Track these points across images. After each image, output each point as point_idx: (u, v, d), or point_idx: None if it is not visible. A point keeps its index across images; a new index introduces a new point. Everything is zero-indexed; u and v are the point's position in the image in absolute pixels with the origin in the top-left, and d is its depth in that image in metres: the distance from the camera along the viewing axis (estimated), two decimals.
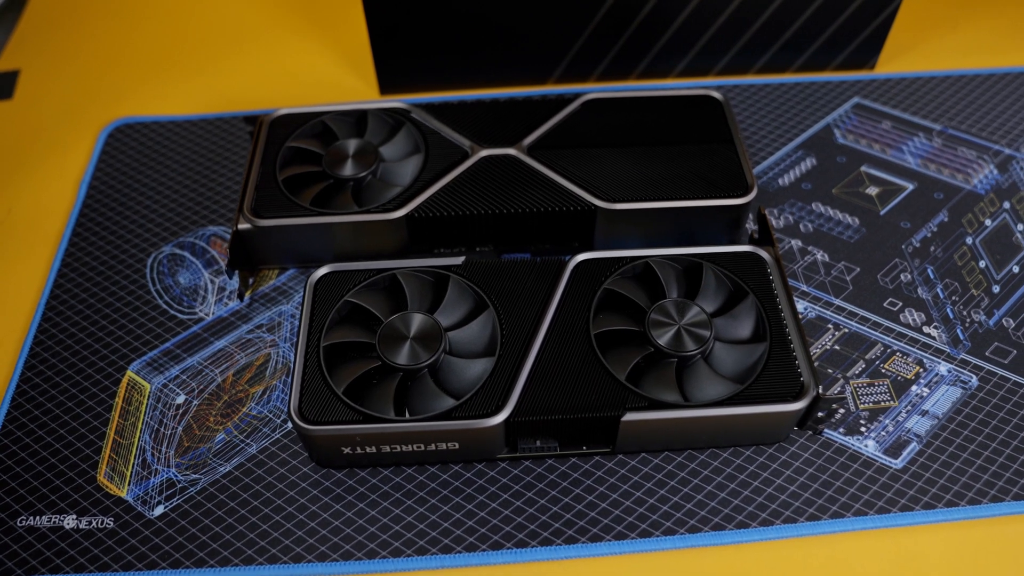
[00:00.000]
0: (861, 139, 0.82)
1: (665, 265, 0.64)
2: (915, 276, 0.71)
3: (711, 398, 0.57)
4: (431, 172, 0.70)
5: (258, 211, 0.68)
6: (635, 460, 0.61)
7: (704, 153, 0.71)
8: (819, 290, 0.70)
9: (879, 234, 0.74)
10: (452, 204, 0.68)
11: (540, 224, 0.69)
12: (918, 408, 0.63)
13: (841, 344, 0.67)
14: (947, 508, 0.59)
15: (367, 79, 0.88)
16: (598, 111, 0.75)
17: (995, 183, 0.78)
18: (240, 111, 0.85)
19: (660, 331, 0.59)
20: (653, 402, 0.57)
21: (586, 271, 0.64)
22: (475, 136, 0.73)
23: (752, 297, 0.62)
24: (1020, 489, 0.59)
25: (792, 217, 0.75)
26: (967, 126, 0.83)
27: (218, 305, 0.70)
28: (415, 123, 0.74)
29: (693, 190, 0.68)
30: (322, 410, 0.57)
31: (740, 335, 0.61)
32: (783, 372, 0.58)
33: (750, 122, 0.83)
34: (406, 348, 0.59)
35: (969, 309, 0.69)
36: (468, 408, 0.57)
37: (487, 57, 0.84)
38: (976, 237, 0.74)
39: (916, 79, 0.87)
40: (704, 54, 0.85)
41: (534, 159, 0.71)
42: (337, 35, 0.93)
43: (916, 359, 0.66)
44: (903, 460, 0.61)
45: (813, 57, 0.87)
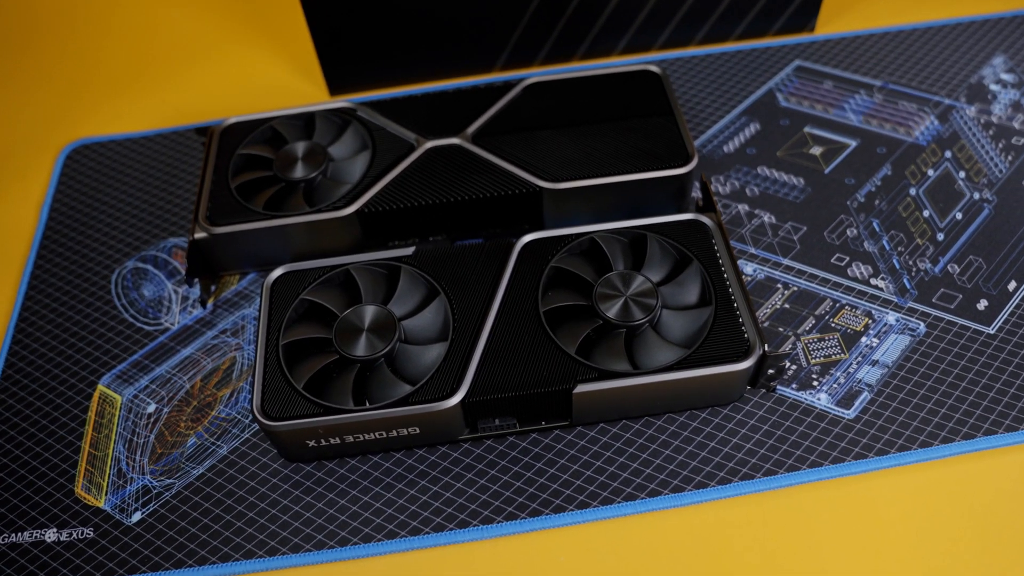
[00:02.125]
0: (804, 101, 0.83)
1: (610, 239, 0.65)
2: (861, 231, 0.72)
3: (660, 364, 0.59)
4: (379, 167, 0.72)
5: (213, 219, 0.69)
6: (593, 431, 0.62)
7: (645, 127, 0.73)
8: (767, 251, 0.71)
9: (824, 192, 0.75)
10: (401, 197, 0.69)
11: (488, 209, 0.70)
12: (868, 358, 0.65)
13: (791, 302, 0.68)
14: (900, 453, 0.60)
15: (316, 82, 0.89)
16: (539, 95, 0.76)
17: (936, 133, 0.79)
18: (194, 123, 0.87)
19: (607, 303, 0.61)
20: (603, 372, 0.58)
21: (533, 251, 0.65)
22: (420, 129, 0.74)
23: (696, 263, 0.63)
24: (969, 429, 0.61)
25: (738, 182, 0.76)
26: (907, 80, 0.84)
27: (183, 314, 0.71)
28: (362, 121, 0.75)
29: (635, 163, 0.70)
30: (284, 406, 0.59)
31: (686, 301, 0.63)
32: (729, 334, 0.60)
33: (694, 92, 0.85)
34: (362, 340, 0.61)
35: (915, 258, 0.70)
36: (424, 393, 0.58)
37: (432, 51, 0.86)
38: (919, 188, 0.75)
39: (855, 38, 0.88)
40: (644, 30, 0.87)
41: (479, 146, 0.72)
42: (285, 41, 0.95)
43: (865, 311, 0.67)
44: (855, 410, 0.62)
45: (753, 24, 0.88)
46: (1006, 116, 0.80)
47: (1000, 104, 0.81)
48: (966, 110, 0.81)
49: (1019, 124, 0.79)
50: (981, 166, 0.76)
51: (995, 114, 0.80)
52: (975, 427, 0.61)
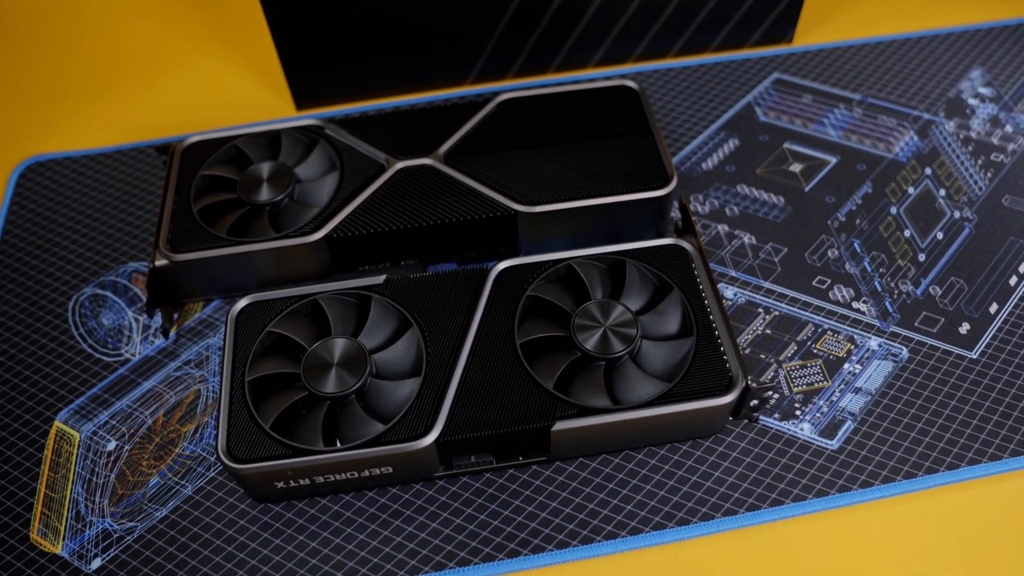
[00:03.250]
0: (782, 115, 0.81)
1: (588, 266, 0.63)
2: (842, 251, 0.71)
3: (641, 398, 0.57)
4: (348, 189, 0.69)
5: (175, 245, 0.67)
6: (572, 466, 0.60)
7: (622, 146, 0.71)
8: (748, 274, 0.70)
9: (805, 211, 0.74)
10: (371, 221, 0.67)
11: (462, 233, 0.68)
12: (851, 386, 0.63)
13: (772, 328, 0.67)
14: (884, 485, 0.59)
15: (283, 95, 0.86)
16: (513, 111, 0.74)
17: (916, 150, 0.78)
18: (155, 139, 0.83)
19: (586, 334, 0.59)
20: (582, 409, 0.56)
21: (509, 279, 0.63)
22: (390, 148, 0.72)
23: (676, 291, 0.62)
24: (953, 459, 0.60)
25: (717, 201, 0.75)
26: (886, 93, 0.83)
27: (144, 344, 0.68)
28: (329, 140, 0.73)
29: (612, 185, 0.68)
30: (251, 447, 0.56)
31: (667, 331, 0.61)
32: (711, 366, 0.58)
33: (672, 107, 0.83)
34: (331, 375, 0.58)
35: (896, 280, 0.69)
36: (397, 432, 0.56)
37: (402, 63, 0.83)
38: (900, 206, 0.74)
39: (834, 49, 0.87)
40: (620, 41, 0.85)
41: (451, 167, 0.70)
42: (249, 53, 0.91)
43: (847, 336, 0.66)
44: (839, 440, 0.61)
45: (730, 35, 0.86)
46: (984, 132, 0.79)
47: (979, 119, 0.80)
48: (945, 125, 0.80)
49: (997, 140, 0.78)
50: (961, 184, 0.75)
51: (974, 129, 0.79)
52: (959, 456, 0.60)
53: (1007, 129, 0.79)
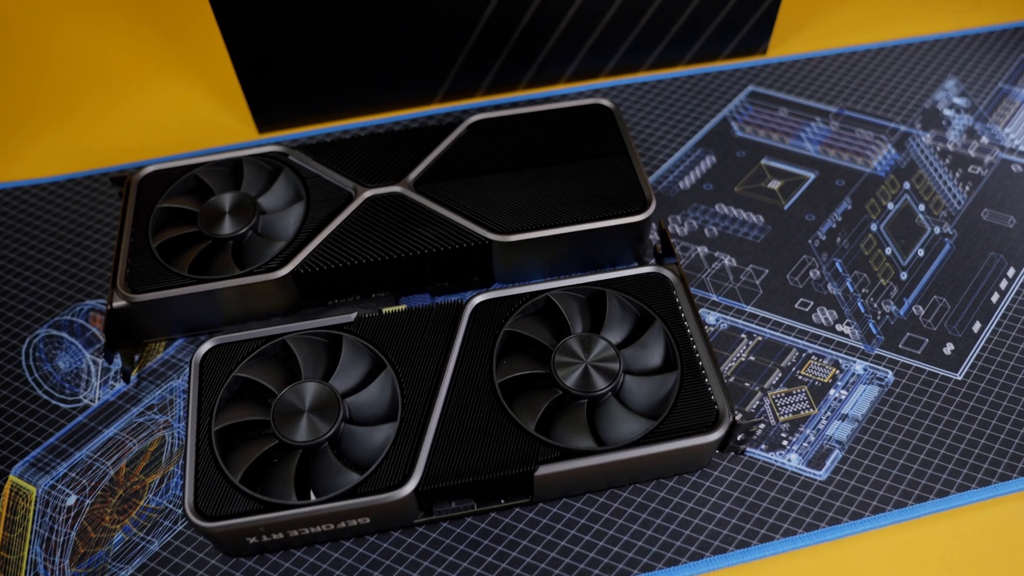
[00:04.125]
0: (759, 130, 0.80)
1: (567, 298, 0.61)
2: (824, 271, 0.70)
3: (625, 438, 0.55)
4: (315, 220, 0.67)
5: (133, 285, 0.63)
6: (556, 507, 0.59)
7: (598, 168, 0.69)
8: (729, 298, 0.68)
9: (785, 230, 0.72)
10: (339, 254, 0.64)
11: (434, 264, 0.66)
12: (837, 413, 0.62)
13: (756, 354, 0.65)
14: (874, 515, 0.58)
15: (244, 118, 0.83)
16: (485, 133, 0.72)
17: (894, 163, 0.77)
18: (111, 166, 0.80)
19: (567, 371, 0.57)
20: (565, 451, 0.54)
21: (485, 313, 0.61)
22: (358, 175, 0.69)
23: (659, 323, 0.60)
24: (942, 485, 0.59)
25: (696, 222, 0.73)
26: (862, 105, 0.82)
27: (104, 389, 0.65)
28: (294, 167, 0.70)
29: (589, 211, 0.66)
30: (220, 503, 0.53)
31: (650, 364, 0.59)
32: (696, 400, 0.57)
33: (646, 123, 0.81)
34: (303, 422, 0.56)
35: (879, 300, 0.68)
36: (373, 482, 0.54)
37: (367, 83, 0.80)
38: (880, 223, 0.73)
39: (808, 60, 0.86)
40: (593, 55, 0.83)
41: (421, 194, 0.67)
42: (209, 74, 0.88)
43: (832, 360, 0.65)
44: (827, 470, 0.60)
45: (704, 47, 0.84)
46: (961, 143, 0.78)
47: (955, 130, 0.79)
48: (922, 137, 0.79)
49: (974, 152, 0.77)
50: (940, 198, 0.74)
51: (951, 141, 0.78)
52: (948, 483, 0.59)
53: (983, 140, 0.78)
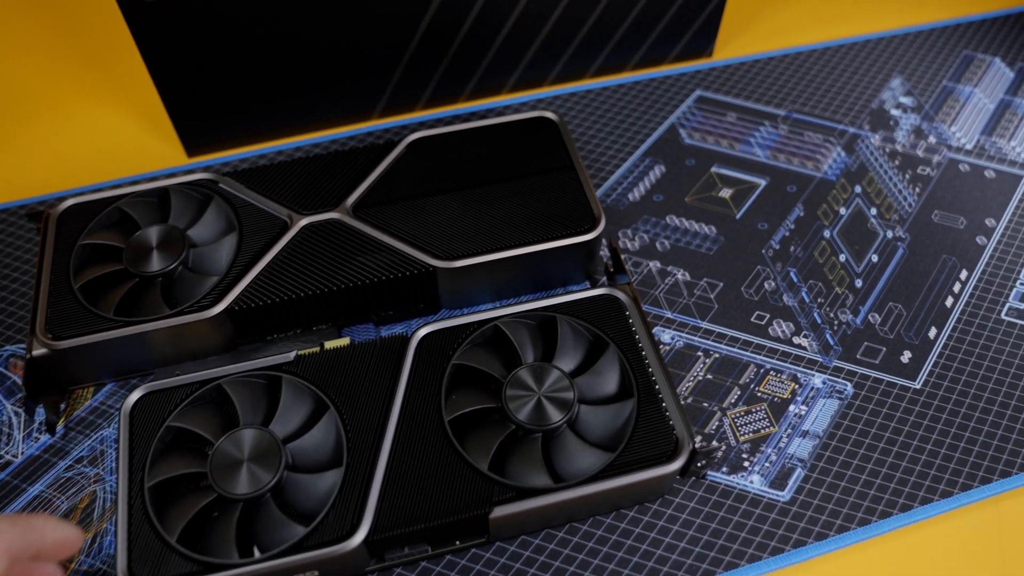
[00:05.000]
0: (708, 136, 0.78)
1: (516, 325, 0.59)
2: (779, 282, 0.68)
3: (583, 472, 0.53)
4: (249, 252, 0.63)
5: (54, 330, 0.59)
6: (514, 545, 0.56)
7: (544, 185, 0.66)
8: (684, 315, 0.66)
9: (738, 241, 0.71)
10: (276, 288, 0.61)
11: (377, 294, 0.63)
12: (798, 430, 0.61)
13: (713, 372, 0.63)
14: (839, 535, 0.57)
15: (172, 142, 0.79)
16: (425, 152, 0.69)
17: (844, 166, 0.76)
18: (25, 199, 0.75)
19: (519, 404, 0.54)
20: (521, 491, 0.52)
21: (432, 346, 0.58)
22: (293, 202, 0.66)
23: (613, 348, 0.58)
24: (905, 499, 0.58)
25: (647, 236, 0.71)
26: (810, 107, 0.80)
27: (27, 442, 0.61)
28: (225, 196, 0.66)
29: (536, 232, 0.63)
30: (156, 565, 0.50)
31: (605, 392, 0.57)
32: (655, 428, 0.54)
33: (593, 132, 0.78)
34: (243, 473, 0.52)
35: (836, 310, 0.67)
36: (320, 533, 0.51)
37: (301, 100, 0.76)
38: (833, 229, 0.71)
39: (755, 62, 0.84)
40: (535, 64, 0.80)
41: (360, 220, 0.64)
42: (132, 94, 0.83)
43: (790, 375, 0.63)
44: (790, 490, 0.58)
45: (650, 51, 0.82)
46: (909, 144, 0.77)
47: (902, 131, 0.78)
48: (871, 139, 0.78)
49: (922, 152, 0.77)
50: (891, 201, 0.73)
51: (899, 142, 0.77)
52: (911, 496, 0.58)
53: (931, 140, 0.78)
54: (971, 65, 0.84)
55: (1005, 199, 0.73)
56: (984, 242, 0.71)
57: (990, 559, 0.57)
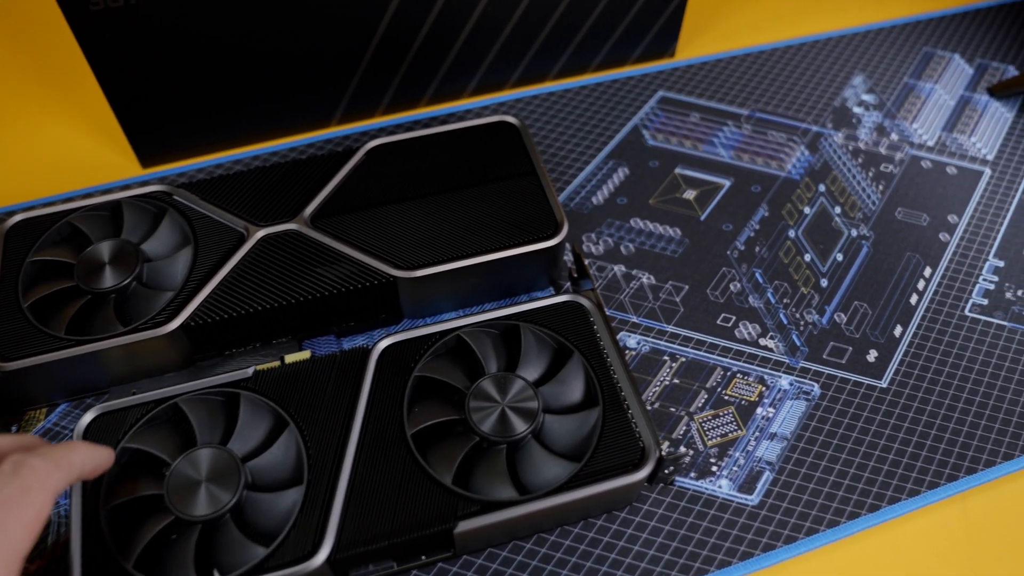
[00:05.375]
0: (671, 137, 0.77)
1: (479, 335, 0.58)
2: (744, 284, 0.68)
3: (548, 483, 0.52)
4: (204, 266, 0.62)
5: (3, 351, 0.57)
6: (481, 558, 0.55)
7: (506, 191, 0.65)
8: (650, 319, 0.66)
9: (703, 243, 0.70)
10: (233, 302, 0.60)
11: (337, 305, 0.61)
12: (766, 432, 0.60)
13: (680, 376, 0.63)
14: (808, 537, 0.56)
15: (125, 153, 0.77)
16: (384, 159, 0.68)
17: (808, 165, 0.76)
18: None
19: (482, 415, 0.54)
20: (486, 504, 0.51)
21: (393, 358, 0.57)
22: (250, 213, 0.64)
23: (577, 355, 0.57)
24: (873, 499, 0.58)
25: (611, 239, 0.70)
26: (773, 106, 0.80)
27: None
28: (179, 208, 0.65)
29: (498, 239, 0.62)
30: None
31: (570, 400, 0.56)
32: (621, 437, 0.54)
33: (555, 135, 0.78)
34: (201, 494, 0.51)
35: (801, 310, 0.66)
36: (282, 554, 0.50)
37: (257, 109, 0.75)
38: (798, 229, 0.71)
39: (717, 61, 0.84)
40: (496, 67, 0.79)
41: (319, 231, 0.63)
42: (84, 104, 0.81)
43: (757, 377, 0.63)
44: (758, 494, 0.58)
45: (611, 52, 0.82)
46: (872, 141, 0.77)
47: (865, 128, 0.78)
48: (834, 137, 0.78)
49: (885, 149, 0.77)
50: (855, 199, 0.73)
51: (862, 139, 0.77)
52: (879, 496, 0.58)
53: (893, 137, 0.78)
54: (931, 62, 0.85)
55: (966, 195, 0.74)
56: (947, 239, 0.71)
57: (958, 556, 0.57)
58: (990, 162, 0.76)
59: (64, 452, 0.45)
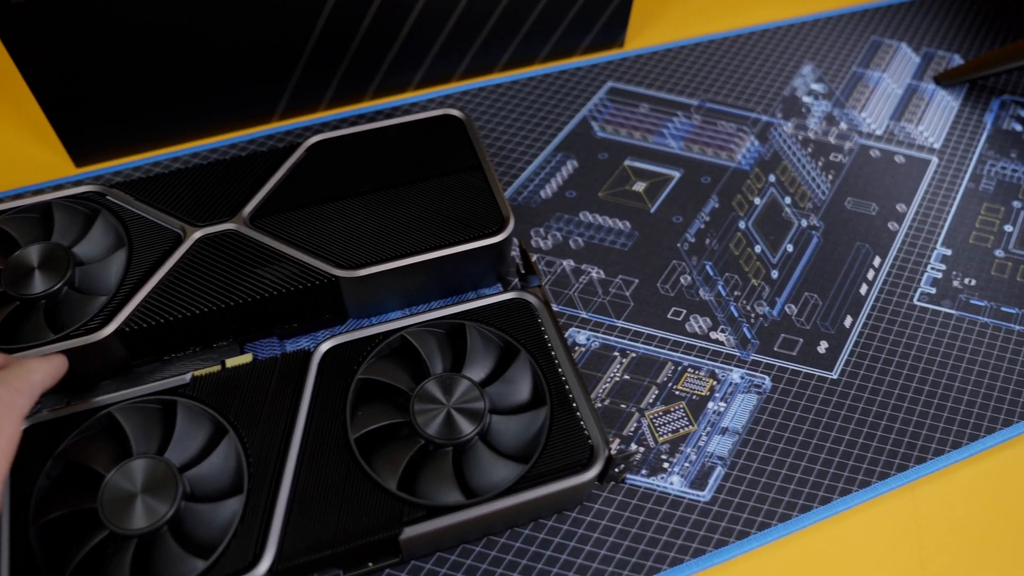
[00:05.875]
0: (620, 128, 0.77)
1: (423, 335, 0.56)
2: (695, 276, 0.67)
3: (496, 485, 0.51)
4: (139, 269, 0.59)
5: None
6: (430, 562, 0.54)
7: (451, 187, 0.64)
8: (600, 314, 0.65)
9: (653, 235, 0.69)
10: (171, 305, 0.58)
11: (279, 307, 0.60)
12: (717, 427, 0.60)
13: (630, 372, 0.62)
14: (760, 532, 0.56)
15: (58, 151, 0.74)
16: (326, 155, 0.66)
17: (758, 155, 0.75)
18: None
19: (427, 418, 0.52)
20: (432, 509, 0.50)
21: (336, 360, 0.55)
22: (187, 213, 0.62)
23: (524, 354, 0.56)
24: (825, 492, 0.58)
25: (560, 234, 0.69)
26: (723, 96, 0.80)
27: None
28: (113, 209, 0.62)
29: (443, 236, 0.61)
30: None
31: (518, 400, 0.55)
32: (569, 436, 0.53)
33: (503, 128, 0.76)
34: (137, 506, 0.49)
35: (752, 303, 0.66)
36: (222, 566, 0.48)
37: (196, 104, 0.72)
38: (748, 220, 0.71)
39: (667, 51, 0.83)
40: (442, 59, 0.77)
41: (259, 230, 0.61)
42: (14, 100, 0.78)
43: (708, 371, 0.62)
44: (710, 490, 0.57)
45: (560, 42, 0.81)
46: (821, 131, 0.77)
47: (814, 118, 0.78)
48: (783, 127, 0.77)
49: (834, 139, 0.77)
50: (805, 189, 0.73)
51: (811, 129, 0.77)
52: (830, 488, 0.58)
53: (842, 126, 0.78)
54: (879, 50, 0.85)
55: (914, 184, 0.74)
56: (896, 228, 0.71)
57: (907, 545, 0.57)
58: (937, 151, 0.77)
59: (23, 374, 0.47)
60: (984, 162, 0.76)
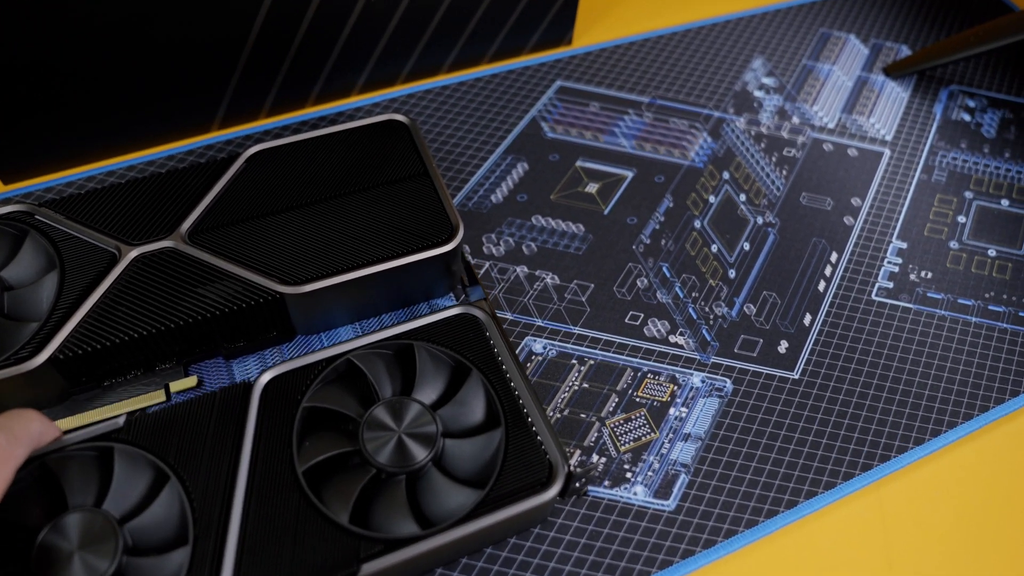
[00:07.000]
0: (571, 129, 0.75)
1: (370, 357, 0.54)
2: (651, 279, 0.66)
3: (454, 512, 0.49)
4: (73, 292, 0.56)
5: None
6: None
7: (396, 195, 0.62)
8: (556, 321, 0.63)
9: (607, 238, 0.68)
10: (106, 330, 0.55)
11: (223, 326, 0.57)
12: (680, 433, 0.59)
13: (589, 380, 0.61)
14: (727, 540, 0.55)
15: None
16: (266, 165, 0.63)
17: (711, 152, 0.74)
18: None
19: (378, 445, 0.50)
20: (389, 542, 0.48)
21: (279, 390, 0.53)
22: (122, 231, 0.59)
23: (476, 373, 0.54)
24: (791, 495, 0.57)
25: (512, 239, 0.67)
26: (673, 92, 0.78)
27: None
28: (42, 229, 0.59)
29: (390, 247, 0.59)
30: None
31: (471, 421, 0.53)
32: (527, 456, 0.51)
33: (451, 131, 0.74)
34: (74, 566, 0.46)
35: (711, 304, 0.65)
36: None
37: (129, 115, 0.69)
38: (703, 219, 0.70)
39: (616, 48, 0.81)
40: (385, 61, 0.75)
41: (198, 247, 0.58)
42: None
43: (668, 376, 0.61)
44: (675, 499, 0.56)
45: (506, 41, 0.78)
46: (774, 125, 0.76)
47: (767, 112, 0.77)
48: (736, 122, 0.76)
49: (787, 133, 0.76)
50: (760, 186, 0.72)
51: (763, 123, 0.76)
52: (796, 492, 0.57)
53: (794, 120, 0.77)
54: (828, 43, 0.84)
55: (868, 177, 0.73)
56: (851, 222, 0.70)
57: (874, 544, 0.56)
58: (889, 143, 0.76)
59: (22, 423, 0.46)
60: (935, 153, 0.76)
